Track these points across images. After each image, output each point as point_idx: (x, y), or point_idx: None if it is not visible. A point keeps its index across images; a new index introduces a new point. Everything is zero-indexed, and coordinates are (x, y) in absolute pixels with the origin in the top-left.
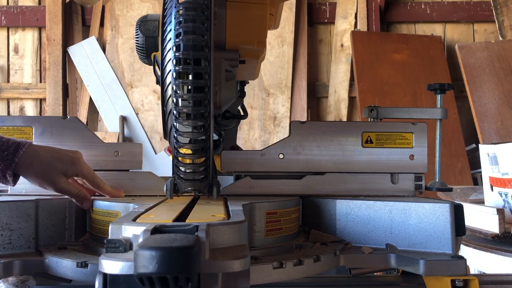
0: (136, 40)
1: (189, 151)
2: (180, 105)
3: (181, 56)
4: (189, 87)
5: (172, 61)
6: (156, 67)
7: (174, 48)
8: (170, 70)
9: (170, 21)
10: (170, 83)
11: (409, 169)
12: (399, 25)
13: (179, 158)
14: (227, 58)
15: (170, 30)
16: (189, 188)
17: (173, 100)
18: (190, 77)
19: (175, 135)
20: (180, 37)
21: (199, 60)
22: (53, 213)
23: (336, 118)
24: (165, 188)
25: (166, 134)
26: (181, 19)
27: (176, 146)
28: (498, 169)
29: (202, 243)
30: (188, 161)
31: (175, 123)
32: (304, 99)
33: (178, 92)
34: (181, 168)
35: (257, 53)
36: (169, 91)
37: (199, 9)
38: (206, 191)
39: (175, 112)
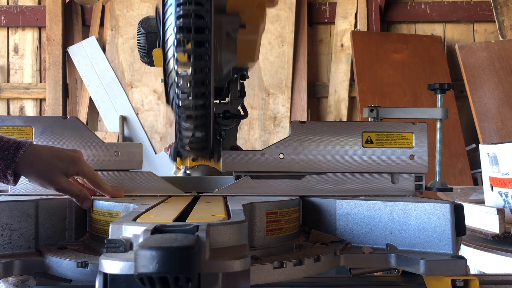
0: (137, 40)
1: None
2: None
3: (181, 12)
4: (191, 40)
5: (174, 16)
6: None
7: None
8: (171, 34)
9: None
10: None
11: (409, 169)
12: (399, 25)
13: (181, 123)
14: (228, 22)
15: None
16: (191, 155)
17: (174, 56)
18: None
19: (177, 99)
20: None
21: (200, 16)
22: (53, 213)
23: (336, 118)
24: (168, 154)
25: (169, 101)
26: None
27: (177, 104)
28: (498, 169)
29: (203, 243)
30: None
31: (176, 89)
32: (304, 99)
33: (179, 47)
34: (183, 132)
35: (257, 19)
36: (171, 57)
37: None
38: (208, 157)
39: (176, 72)
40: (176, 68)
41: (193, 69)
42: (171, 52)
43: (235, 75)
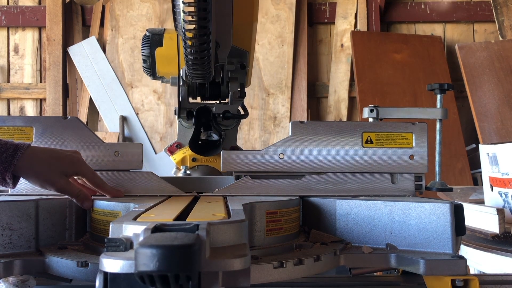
0: (142, 52)
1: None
2: None
3: None
4: None
5: None
6: None
7: None
8: None
9: None
10: None
11: (409, 169)
12: (399, 25)
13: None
14: None
15: None
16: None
17: None
18: None
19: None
20: None
21: None
22: (53, 213)
23: (336, 118)
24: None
25: (176, 19)
26: None
27: (183, 31)
28: (498, 169)
29: (203, 242)
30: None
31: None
32: (304, 99)
33: None
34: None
35: None
36: None
37: None
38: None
39: None
40: None
41: None
42: None
43: (234, 65)
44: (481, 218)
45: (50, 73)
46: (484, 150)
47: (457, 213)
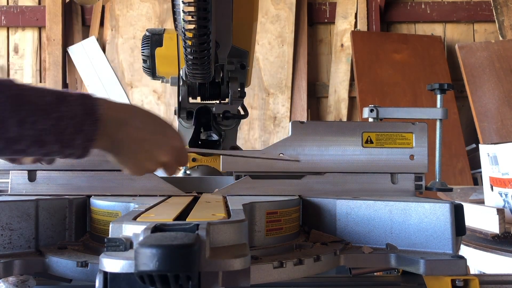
0: (142, 52)
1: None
2: None
3: None
4: None
5: None
6: None
7: None
8: None
9: None
10: None
11: (409, 169)
12: (399, 25)
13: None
14: None
15: None
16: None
17: None
18: None
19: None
20: None
21: None
22: (53, 213)
23: (336, 118)
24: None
25: (176, 19)
26: None
27: (183, 30)
28: (498, 169)
29: (203, 242)
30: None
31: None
32: (304, 99)
33: None
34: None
35: None
36: None
37: None
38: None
39: None
40: None
41: None
42: None
43: (234, 65)
44: (481, 218)
45: (50, 73)
46: (484, 150)
47: (457, 213)
